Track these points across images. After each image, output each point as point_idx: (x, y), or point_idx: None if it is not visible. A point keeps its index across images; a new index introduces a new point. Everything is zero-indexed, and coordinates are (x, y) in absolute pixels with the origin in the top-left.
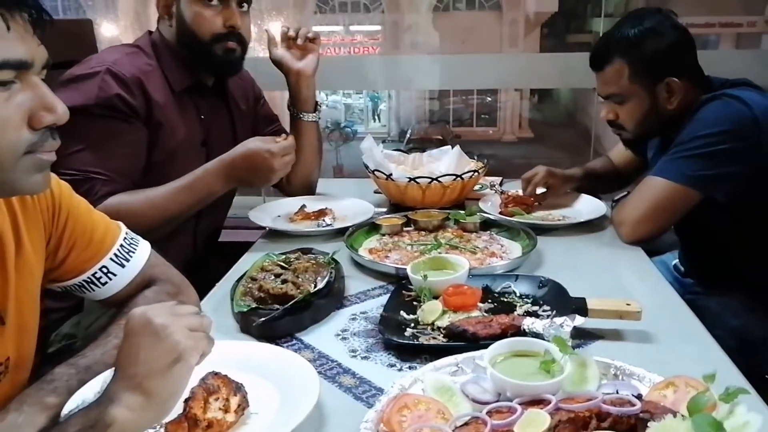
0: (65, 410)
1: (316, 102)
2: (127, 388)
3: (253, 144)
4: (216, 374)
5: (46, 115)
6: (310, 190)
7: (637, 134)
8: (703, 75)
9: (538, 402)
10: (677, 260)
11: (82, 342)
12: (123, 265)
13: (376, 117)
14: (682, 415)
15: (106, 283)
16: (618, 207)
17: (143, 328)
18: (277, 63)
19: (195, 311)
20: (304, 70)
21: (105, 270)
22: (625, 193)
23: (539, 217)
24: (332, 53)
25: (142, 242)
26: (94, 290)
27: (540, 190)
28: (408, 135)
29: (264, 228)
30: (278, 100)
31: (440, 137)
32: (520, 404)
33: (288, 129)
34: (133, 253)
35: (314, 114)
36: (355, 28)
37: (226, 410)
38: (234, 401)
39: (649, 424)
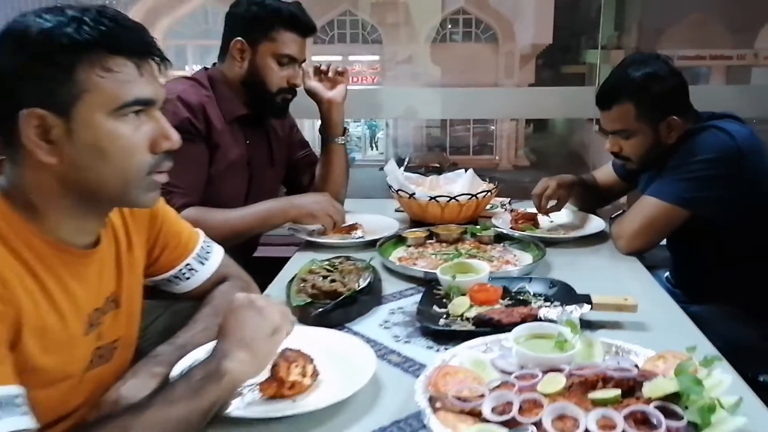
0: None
1: (345, 127)
2: (237, 348)
3: (325, 196)
4: (291, 349)
5: (164, 141)
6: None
7: (641, 165)
8: (694, 110)
9: (554, 371)
10: (668, 274)
11: (147, 339)
12: (203, 263)
13: (374, 145)
14: (668, 377)
15: (189, 278)
16: (616, 222)
17: (249, 306)
18: (311, 93)
19: (280, 303)
20: (334, 98)
21: (189, 267)
22: (621, 211)
23: (546, 232)
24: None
25: (216, 246)
26: (179, 284)
27: (551, 203)
28: (406, 163)
29: (299, 244)
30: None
31: (437, 165)
32: (541, 372)
33: (318, 152)
34: (210, 254)
35: (343, 137)
36: (354, 58)
37: (304, 375)
38: (309, 368)
39: (644, 384)
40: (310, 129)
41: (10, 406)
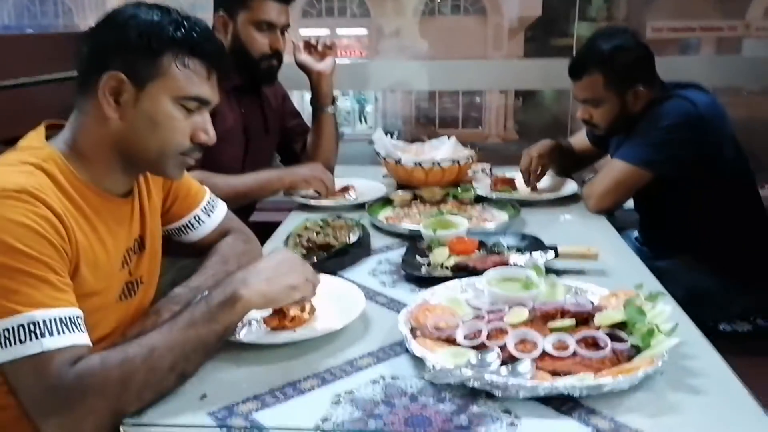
0: None
1: (333, 97)
2: (256, 279)
3: (318, 165)
4: None
5: (202, 135)
6: (329, 170)
7: (608, 131)
8: (660, 80)
9: (521, 305)
10: (637, 234)
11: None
12: (209, 215)
13: (363, 119)
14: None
15: (197, 228)
16: (587, 184)
17: (290, 259)
18: (301, 66)
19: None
20: (323, 70)
21: (197, 218)
22: (592, 174)
23: (522, 194)
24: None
25: (221, 201)
26: (188, 233)
27: (508, 174)
28: (395, 137)
29: (290, 209)
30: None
31: (425, 138)
32: (508, 307)
33: (309, 121)
34: (215, 207)
35: (332, 107)
36: (342, 32)
37: (302, 310)
38: (307, 305)
39: (596, 314)
40: (299, 101)
41: (74, 325)
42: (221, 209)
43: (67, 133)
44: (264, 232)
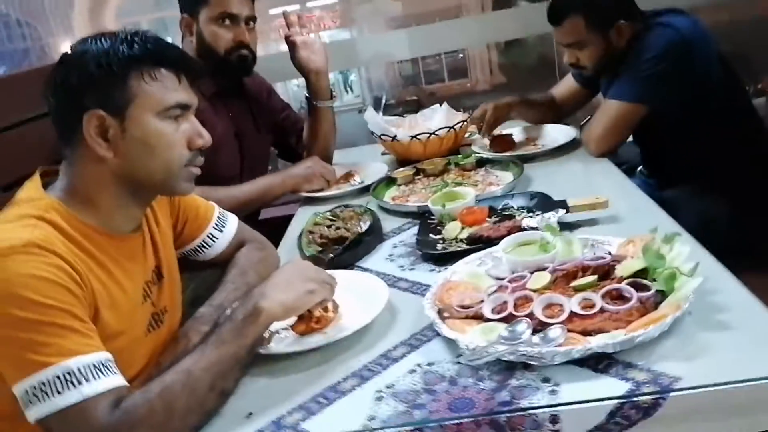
0: None
1: (331, 90)
2: (274, 291)
3: (313, 159)
4: None
5: (198, 139)
6: (328, 161)
7: (597, 71)
8: (639, 11)
9: (540, 270)
10: (641, 167)
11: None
12: (221, 231)
13: (348, 88)
14: (638, 258)
15: (212, 245)
16: (584, 129)
17: (305, 266)
18: (298, 67)
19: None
20: (320, 67)
21: (210, 236)
22: (589, 117)
23: (523, 149)
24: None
25: (230, 214)
26: (204, 252)
27: (505, 131)
28: (383, 101)
29: (298, 201)
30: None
31: (415, 97)
32: (529, 273)
33: (298, 111)
34: (226, 221)
35: (331, 100)
36: (312, 4)
37: (326, 310)
38: (330, 304)
39: (617, 267)
40: (283, 91)
41: (106, 368)
42: (232, 222)
43: (63, 181)
44: (275, 228)
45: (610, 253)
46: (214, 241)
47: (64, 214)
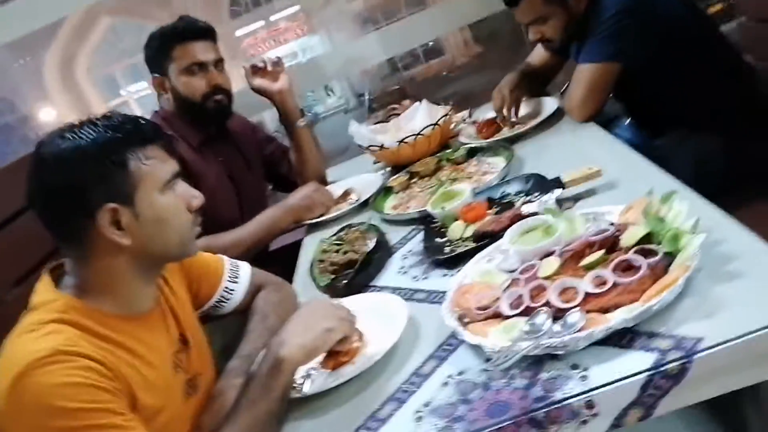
0: None
1: (301, 110)
2: (292, 337)
3: (309, 186)
4: None
5: (194, 200)
6: (323, 181)
7: (563, 41)
8: None
9: (550, 254)
10: (628, 120)
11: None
12: (236, 282)
13: (330, 92)
14: (639, 223)
15: (230, 298)
16: (564, 97)
17: (320, 306)
18: (259, 91)
19: (348, 309)
20: (282, 89)
21: (226, 289)
22: (566, 84)
23: (508, 131)
24: (264, 49)
25: (241, 262)
26: (224, 306)
27: (488, 115)
28: (367, 98)
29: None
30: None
31: (397, 86)
32: (538, 260)
33: (287, 142)
34: (239, 271)
35: (303, 119)
36: (276, 17)
37: (352, 341)
38: (354, 334)
39: (621, 237)
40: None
41: None
42: (245, 270)
43: (74, 277)
44: (286, 257)
45: (612, 224)
46: (231, 294)
47: (82, 309)
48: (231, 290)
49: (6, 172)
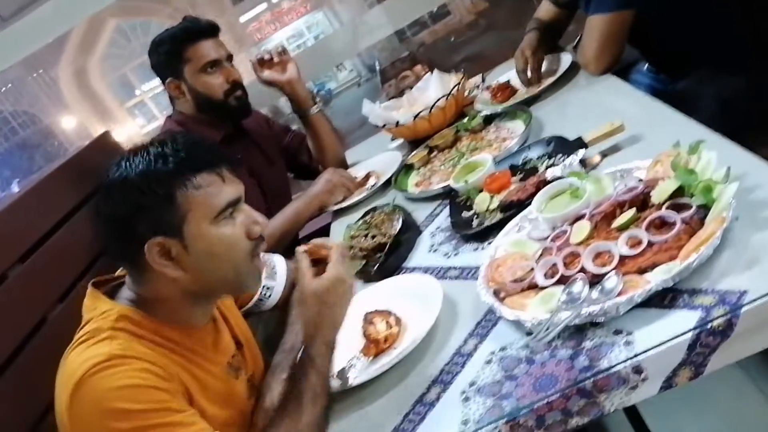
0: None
1: (313, 96)
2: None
3: (328, 172)
4: (369, 312)
5: (255, 227)
6: (343, 165)
7: None
8: None
9: (580, 217)
10: (647, 65)
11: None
12: (274, 279)
13: (341, 67)
14: (669, 177)
15: (270, 296)
16: (578, 51)
17: (304, 297)
18: (268, 83)
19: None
20: (291, 78)
21: (266, 287)
22: (579, 36)
23: (523, 92)
24: (270, 32)
25: (276, 256)
26: (265, 303)
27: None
28: (378, 68)
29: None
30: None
31: (407, 52)
32: (568, 225)
33: (303, 129)
34: (276, 266)
35: (316, 106)
36: None
37: (390, 326)
38: (392, 319)
39: (651, 193)
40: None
41: None
42: (281, 265)
43: (132, 291)
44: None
45: (641, 180)
46: (270, 291)
47: (135, 318)
48: (270, 287)
49: (36, 190)
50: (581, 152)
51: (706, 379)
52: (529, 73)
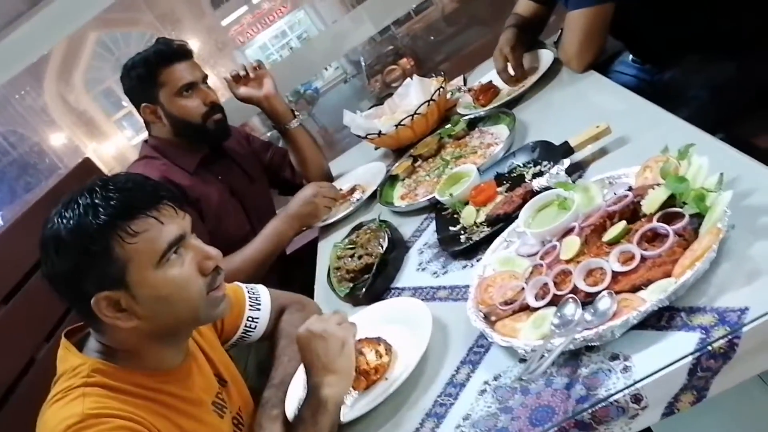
0: (287, 410)
1: (292, 110)
2: (323, 375)
3: (307, 189)
4: (358, 340)
5: (207, 262)
6: (327, 177)
7: None
8: None
9: (569, 231)
10: (631, 56)
11: (250, 378)
12: (259, 309)
13: (326, 67)
14: (659, 184)
15: (255, 327)
16: (559, 48)
17: (312, 338)
18: (245, 99)
19: (334, 314)
20: (269, 93)
21: (250, 318)
22: (559, 31)
23: (506, 93)
24: (252, 34)
25: (258, 286)
26: (251, 335)
27: (483, 80)
28: (363, 64)
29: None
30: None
31: (391, 47)
32: (557, 240)
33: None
34: (260, 296)
35: (296, 120)
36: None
37: (380, 356)
38: (381, 348)
39: (641, 202)
40: None
41: None
42: (264, 295)
43: (98, 343)
44: (306, 259)
45: (630, 188)
46: (255, 322)
47: (109, 371)
48: (255, 318)
49: (18, 224)
50: (566, 162)
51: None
52: (510, 71)
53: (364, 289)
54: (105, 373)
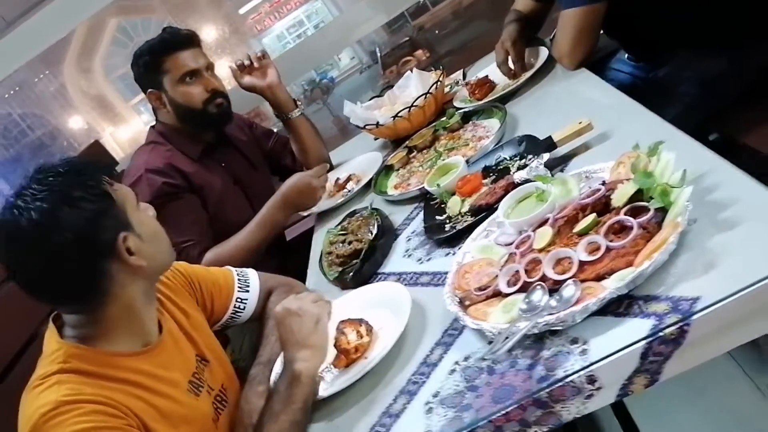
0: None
1: (294, 100)
2: (297, 350)
3: (296, 175)
4: (342, 321)
5: (149, 210)
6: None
7: None
8: None
9: (544, 222)
10: (626, 54)
11: (244, 358)
12: (247, 291)
13: (339, 58)
14: (629, 179)
15: (245, 308)
16: (552, 46)
17: (287, 315)
18: (249, 88)
19: (309, 293)
20: (272, 82)
21: (239, 300)
22: (554, 31)
23: (501, 88)
24: (269, 23)
25: (248, 269)
26: (240, 316)
27: (481, 74)
28: (379, 54)
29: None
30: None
31: (407, 38)
32: (533, 230)
33: (286, 133)
34: (248, 279)
35: (297, 110)
36: None
37: (361, 336)
38: (363, 329)
39: (612, 197)
40: None
41: None
42: (253, 277)
43: (71, 330)
44: (304, 243)
45: (604, 182)
46: (244, 303)
47: (84, 354)
48: (244, 300)
49: None
50: (545, 156)
51: (695, 368)
52: (511, 65)
53: (351, 274)
54: (80, 358)
